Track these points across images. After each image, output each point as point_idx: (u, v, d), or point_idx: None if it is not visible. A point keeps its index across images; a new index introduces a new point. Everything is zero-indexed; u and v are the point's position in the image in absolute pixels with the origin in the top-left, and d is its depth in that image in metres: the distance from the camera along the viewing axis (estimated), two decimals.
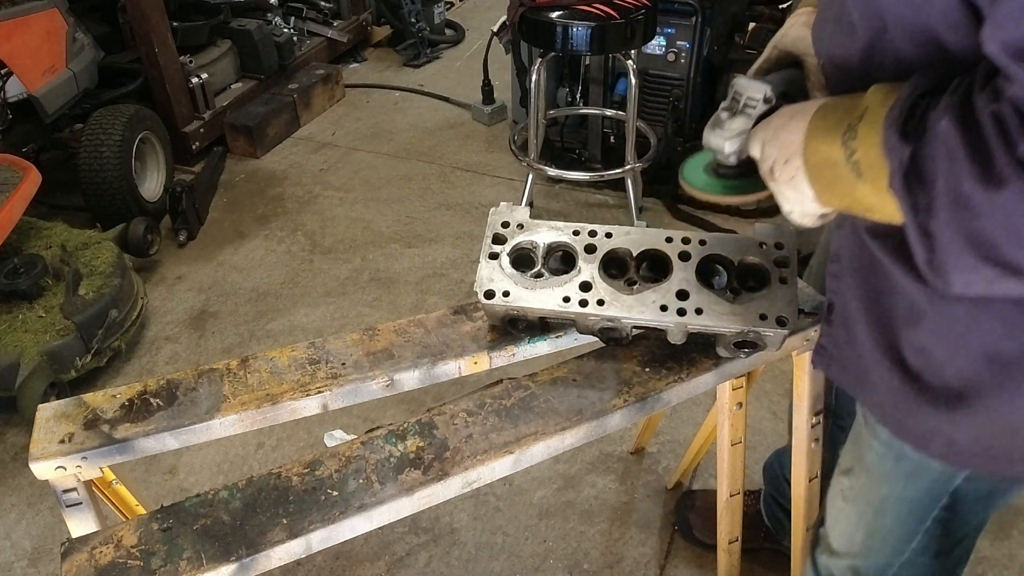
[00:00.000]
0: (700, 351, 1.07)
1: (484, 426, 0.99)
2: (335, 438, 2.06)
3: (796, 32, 0.96)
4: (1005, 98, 0.56)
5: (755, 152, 0.88)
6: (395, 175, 3.27)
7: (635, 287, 1.02)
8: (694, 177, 1.01)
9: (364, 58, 4.35)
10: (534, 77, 2.56)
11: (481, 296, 1.03)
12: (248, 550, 0.85)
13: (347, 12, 4.25)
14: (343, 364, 1.06)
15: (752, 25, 2.85)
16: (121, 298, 2.26)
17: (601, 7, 2.33)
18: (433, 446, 0.96)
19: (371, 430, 1.00)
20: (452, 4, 4.95)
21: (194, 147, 3.26)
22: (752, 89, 0.91)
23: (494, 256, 1.07)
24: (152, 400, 1.01)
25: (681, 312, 0.99)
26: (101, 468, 0.99)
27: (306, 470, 0.94)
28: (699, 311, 0.99)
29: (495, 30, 3.03)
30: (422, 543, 1.83)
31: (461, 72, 4.12)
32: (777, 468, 1.61)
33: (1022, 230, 0.56)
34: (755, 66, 1.00)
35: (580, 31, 2.31)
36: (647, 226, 1.11)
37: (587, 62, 2.92)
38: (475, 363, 1.08)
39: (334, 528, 0.89)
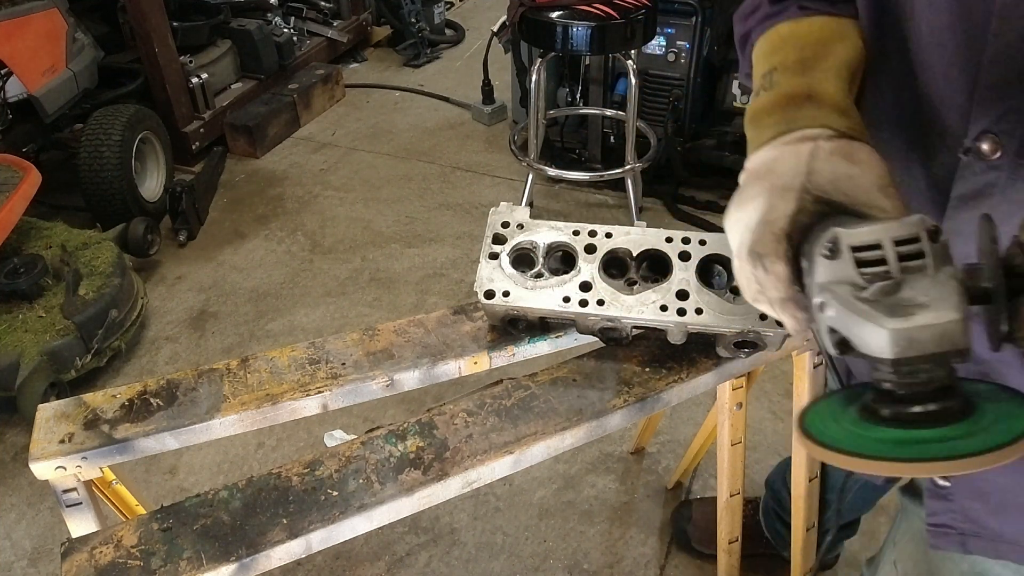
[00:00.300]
0: (700, 351, 1.07)
1: (484, 426, 0.99)
2: (335, 438, 2.06)
3: (832, 169, 0.62)
4: None
5: None
6: (395, 175, 3.27)
7: (635, 287, 1.02)
8: (843, 435, 0.55)
9: (364, 58, 4.35)
10: (534, 77, 2.56)
11: (481, 296, 1.03)
12: (248, 550, 0.85)
13: (347, 12, 4.25)
14: (343, 364, 1.06)
15: None
16: (121, 298, 2.26)
17: (601, 7, 2.33)
18: (433, 446, 0.96)
19: (371, 430, 0.99)
20: (452, 4, 4.95)
21: (194, 147, 3.26)
22: (901, 229, 0.53)
23: (494, 256, 1.07)
24: (152, 400, 1.01)
25: (681, 312, 0.99)
26: (101, 468, 0.99)
27: (306, 470, 0.94)
28: (699, 311, 0.99)
29: (495, 30, 3.03)
30: (422, 543, 1.83)
31: (461, 72, 4.12)
32: (779, 480, 1.60)
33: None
34: (778, 228, 0.62)
35: (580, 31, 2.31)
36: (647, 226, 1.10)
37: (587, 62, 2.92)
38: (475, 363, 1.08)
39: (334, 528, 0.89)
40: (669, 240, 1.06)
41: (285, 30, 3.67)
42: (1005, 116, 0.60)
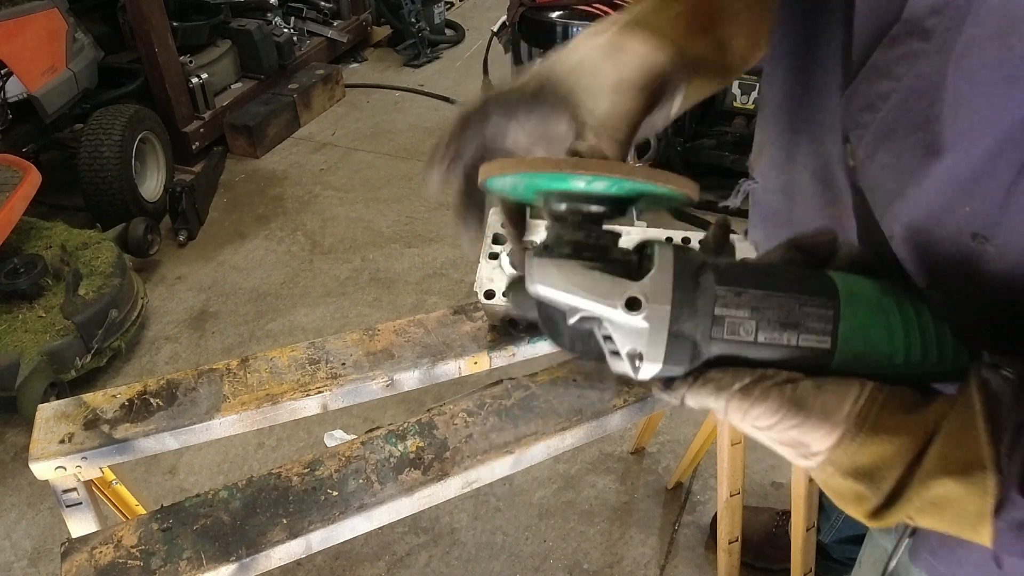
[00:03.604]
0: None
1: (484, 426, 0.99)
2: (335, 438, 2.06)
3: (584, 57, 0.56)
4: None
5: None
6: (395, 175, 3.27)
7: None
8: None
9: (364, 58, 4.35)
10: None
11: (481, 296, 1.03)
12: (248, 550, 0.85)
13: (347, 12, 4.25)
14: (343, 364, 1.06)
15: None
16: (121, 298, 2.26)
17: (601, 7, 2.34)
18: (433, 446, 0.96)
19: (371, 430, 0.99)
20: (452, 4, 4.95)
21: (194, 147, 3.26)
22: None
23: (494, 256, 1.07)
24: (152, 400, 1.01)
25: None
26: (101, 468, 0.99)
27: (306, 470, 0.94)
28: None
29: (495, 30, 3.02)
30: (422, 543, 1.83)
31: (461, 72, 4.12)
32: None
33: None
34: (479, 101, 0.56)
35: (580, 31, 2.31)
36: (647, 226, 1.10)
37: None
38: (475, 363, 1.08)
39: (334, 528, 0.89)
40: (669, 240, 1.06)
41: (285, 30, 3.67)
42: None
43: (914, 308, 0.51)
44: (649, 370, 0.48)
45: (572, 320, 0.48)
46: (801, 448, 0.48)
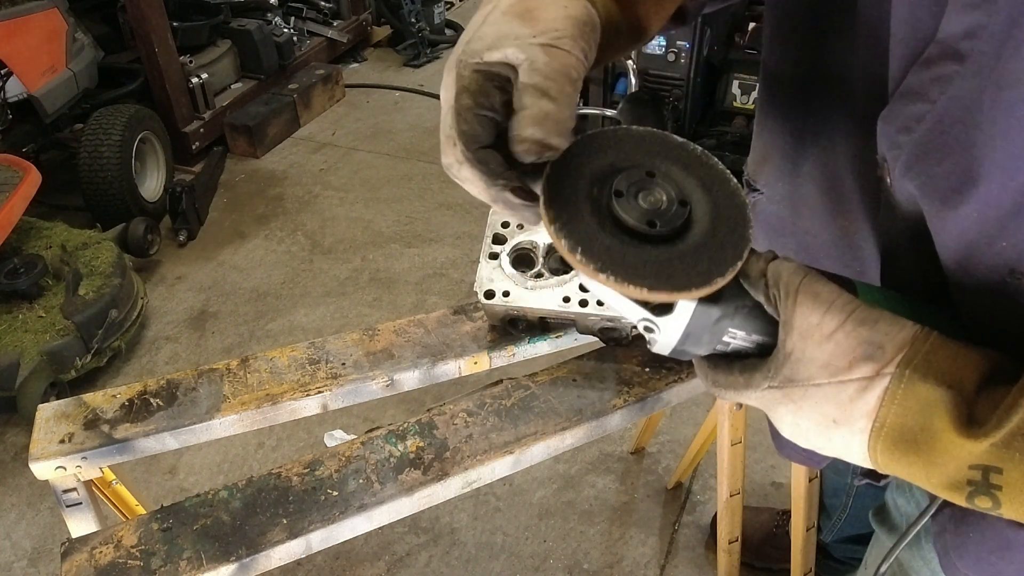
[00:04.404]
0: None
1: (484, 426, 0.99)
2: (335, 438, 2.06)
3: (495, 32, 0.52)
4: None
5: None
6: (395, 175, 3.27)
7: None
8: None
9: (364, 58, 4.35)
10: None
11: (481, 296, 1.03)
12: (248, 550, 0.85)
13: (347, 12, 4.25)
14: (343, 364, 1.06)
15: (752, 25, 2.86)
16: (121, 298, 2.26)
17: None
18: (433, 446, 0.96)
19: (371, 430, 0.99)
20: (452, 4, 4.95)
21: (194, 147, 3.26)
22: None
23: (494, 256, 1.07)
24: (152, 400, 1.01)
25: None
26: (101, 468, 0.99)
27: (306, 470, 0.94)
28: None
29: None
30: (422, 543, 1.83)
31: None
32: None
33: None
34: (447, 128, 0.53)
35: None
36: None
37: None
38: (475, 363, 1.08)
39: (334, 528, 0.89)
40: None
41: (285, 30, 3.67)
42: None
43: (929, 311, 0.51)
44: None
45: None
46: (873, 348, 0.47)
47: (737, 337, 0.54)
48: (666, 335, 0.54)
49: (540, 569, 1.77)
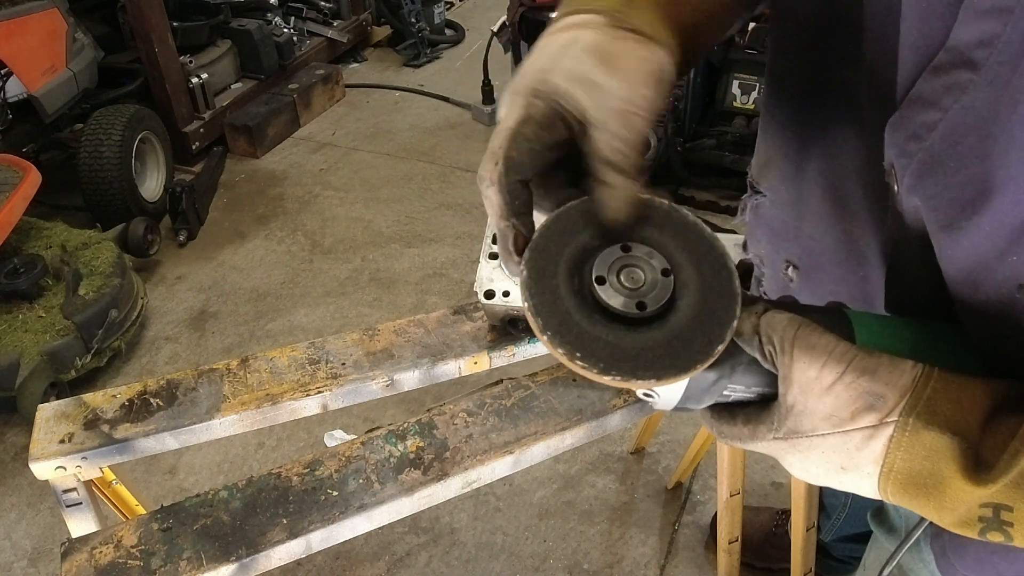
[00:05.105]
0: None
1: (484, 426, 0.99)
2: (335, 438, 2.06)
3: (575, 69, 0.52)
4: None
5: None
6: (395, 175, 3.27)
7: None
8: None
9: (364, 58, 4.35)
10: None
11: (481, 296, 1.03)
12: (248, 550, 0.85)
13: (347, 12, 4.25)
14: (343, 364, 1.06)
15: (752, 25, 2.85)
16: (121, 298, 2.26)
17: None
18: (433, 446, 0.96)
19: (371, 430, 0.99)
20: (452, 4, 4.95)
21: (194, 147, 3.26)
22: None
23: (494, 256, 1.07)
24: (152, 400, 1.01)
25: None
26: (101, 468, 0.99)
27: (306, 470, 0.94)
28: None
29: (495, 30, 3.03)
30: (422, 543, 1.83)
31: (461, 72, 4.12)
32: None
33: None
34: (496, 145, 0.53)
35: None
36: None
37: None
38: (475, 363, 1.08)
39: (334, 528, 0.89)
40: None
41: (285, 30, 3.67)
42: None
43: (932, 331, 0.51)
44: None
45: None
46: (874, 397, 0.47)
47: (737, 390, 0.54)
48: (665, 401, 0.55)
49: (540, 569, 1.77)
